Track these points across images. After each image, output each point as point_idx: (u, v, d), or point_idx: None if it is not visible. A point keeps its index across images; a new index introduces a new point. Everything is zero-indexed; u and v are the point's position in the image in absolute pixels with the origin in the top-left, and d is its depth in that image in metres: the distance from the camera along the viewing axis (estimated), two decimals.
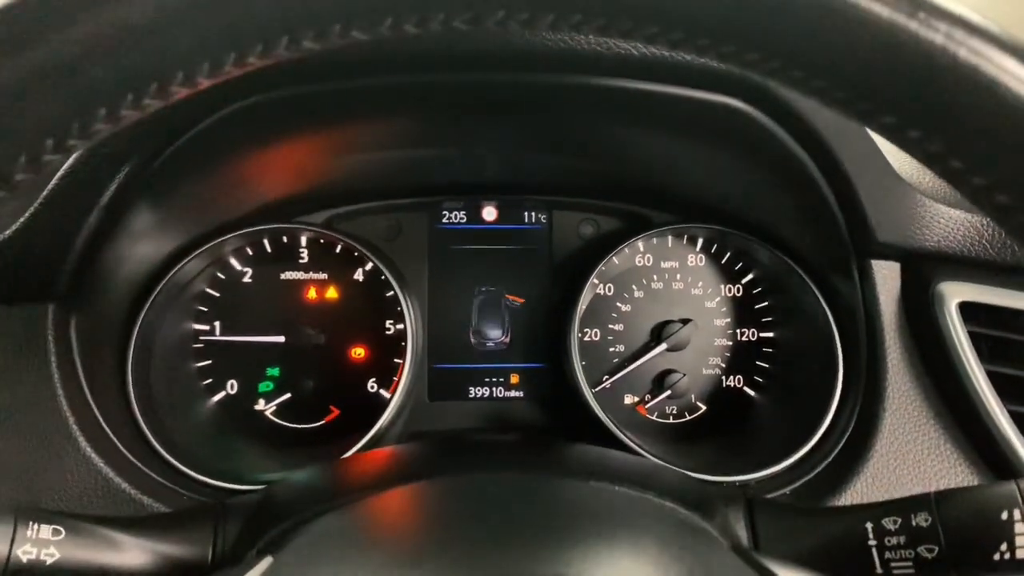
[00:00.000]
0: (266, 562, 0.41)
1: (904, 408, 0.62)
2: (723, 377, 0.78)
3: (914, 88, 0.27)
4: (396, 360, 0.75)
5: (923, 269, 0.64)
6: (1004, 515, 0.47)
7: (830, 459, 0.63)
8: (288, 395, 0.75)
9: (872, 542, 0.47)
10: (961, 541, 0.47)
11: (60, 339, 0.59)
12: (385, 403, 0.72)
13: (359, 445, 0.69)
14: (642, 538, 0.41)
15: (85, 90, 0.27)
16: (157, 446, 0.64)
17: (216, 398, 0.74)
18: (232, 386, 0.75)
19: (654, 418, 0.77)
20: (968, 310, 0.62)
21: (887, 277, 0.64)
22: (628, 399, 0.77)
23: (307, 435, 0.75)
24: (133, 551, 0.47)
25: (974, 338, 0.62)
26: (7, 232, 0.54)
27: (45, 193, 0.53)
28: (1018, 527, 0.46)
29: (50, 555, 0.47)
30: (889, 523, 0.49)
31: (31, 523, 0.47)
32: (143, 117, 0.27)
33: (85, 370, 0.60)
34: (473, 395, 0.78)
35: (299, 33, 0.27)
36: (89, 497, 0.57)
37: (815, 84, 0.28)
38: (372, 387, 0.76)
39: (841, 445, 0.63)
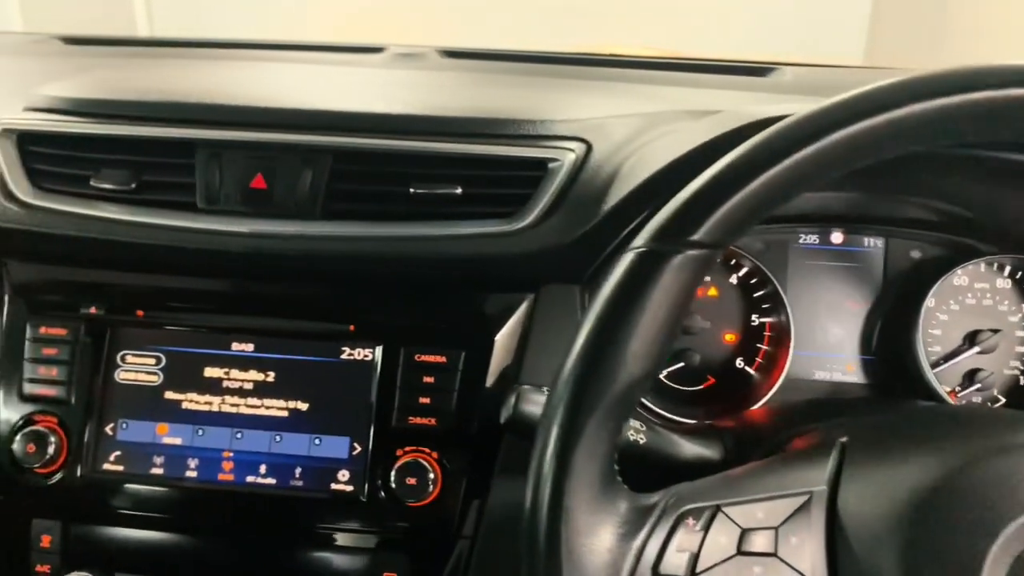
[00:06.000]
0: None
1: None
2: (1020, 376, 0.98)
3: None
4: (758, 344, 0.99)
5: None
6: None
7: None
8: (680, 364, 1.00)
9: None
10: None
11: None
12: (749, 377, 0.97)
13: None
14: None
15: None
16: None
17: None
18: None
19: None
20: None
21: None
22: (945, 388, 0.98)
23: (690, 395, 1.00)
24: None
25: None
26: None
27: None
28: None
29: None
30: None
31: None
32: None
33: None
34: (817, 377, 1.01)
35: None
36: None
37: None
38: (739, 364, 1.00)
39: None
